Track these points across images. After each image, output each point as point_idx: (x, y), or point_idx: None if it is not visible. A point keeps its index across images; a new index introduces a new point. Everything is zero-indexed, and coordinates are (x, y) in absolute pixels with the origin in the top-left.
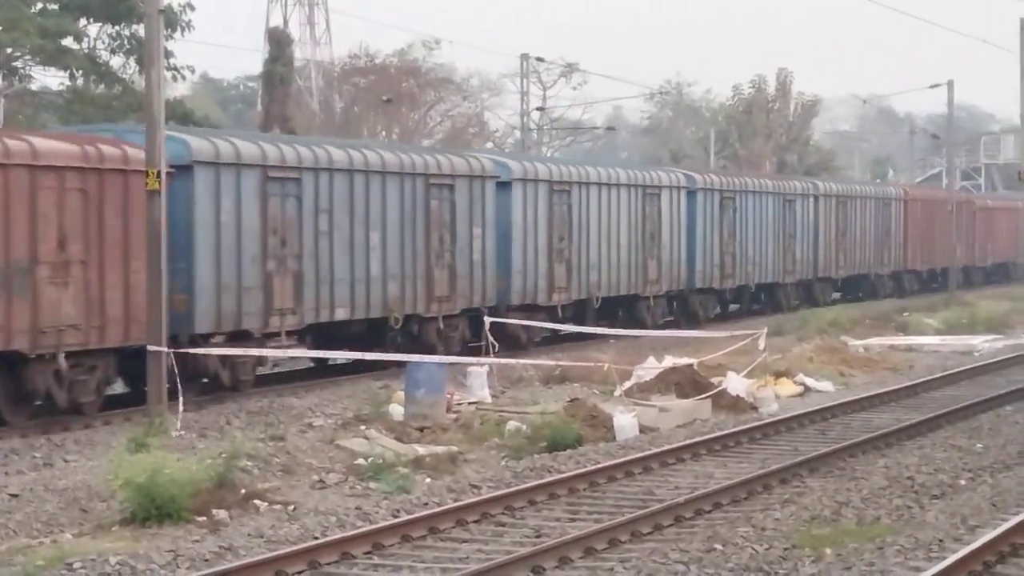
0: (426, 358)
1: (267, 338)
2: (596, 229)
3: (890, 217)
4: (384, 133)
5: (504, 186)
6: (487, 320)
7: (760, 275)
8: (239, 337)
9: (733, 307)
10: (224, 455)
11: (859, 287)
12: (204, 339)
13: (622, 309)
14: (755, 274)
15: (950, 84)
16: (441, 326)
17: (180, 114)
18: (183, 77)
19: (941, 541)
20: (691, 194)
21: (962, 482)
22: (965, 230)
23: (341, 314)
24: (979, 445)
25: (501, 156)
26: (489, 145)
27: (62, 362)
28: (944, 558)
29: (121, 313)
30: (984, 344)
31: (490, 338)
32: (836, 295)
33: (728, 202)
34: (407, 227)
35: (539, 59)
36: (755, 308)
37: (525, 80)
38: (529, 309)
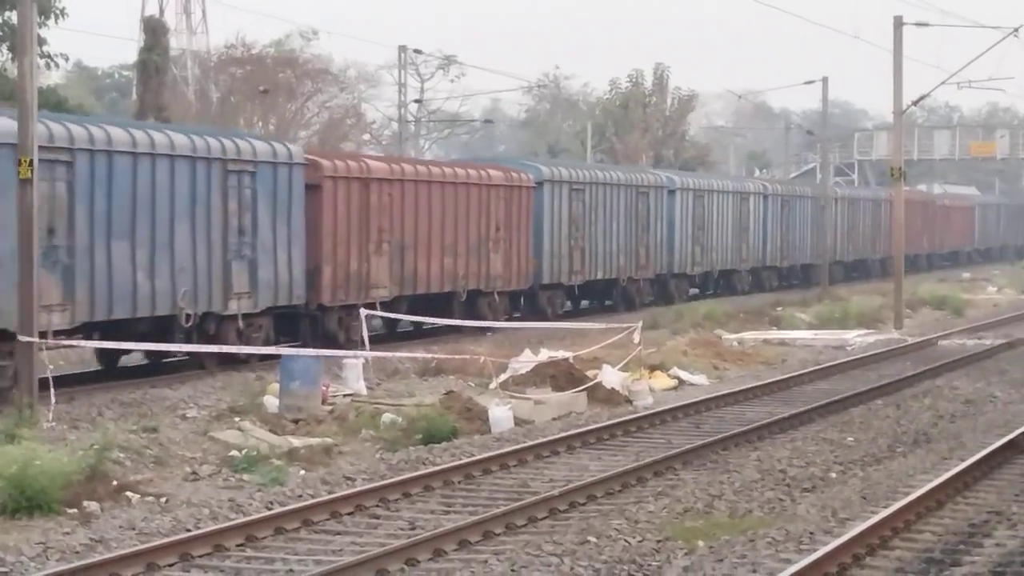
0: (301, 351)
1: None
2: (716, 222)
3: (880, 214)
4: (261, 124)
5: (671, 193)
6: (363, 312)
7: (802, 258)
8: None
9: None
10: (96, 446)
11: (856, 268)
12: (546, 288)
13: (722, 279)
14: (800, 257)
15: (824, 81)
16: (641, 285)
17: (54, 103)
18: (56, 65)
19: (812, 534)
20: (765, 198)
21: (833, 475)
22: (929, 224)
23: (600, 274)
24: (850, 439)
25: (668, 172)
26: (366, 137)
27: (496, 297)
28: (814, 550)
29: (515, 269)
30: (856, 339)
31: (365, 332)
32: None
33: (786, 204)
34: (628, 221)
35: (417, 51)
36: (795, 283)
37: (403, 72)
38: (680, 276)
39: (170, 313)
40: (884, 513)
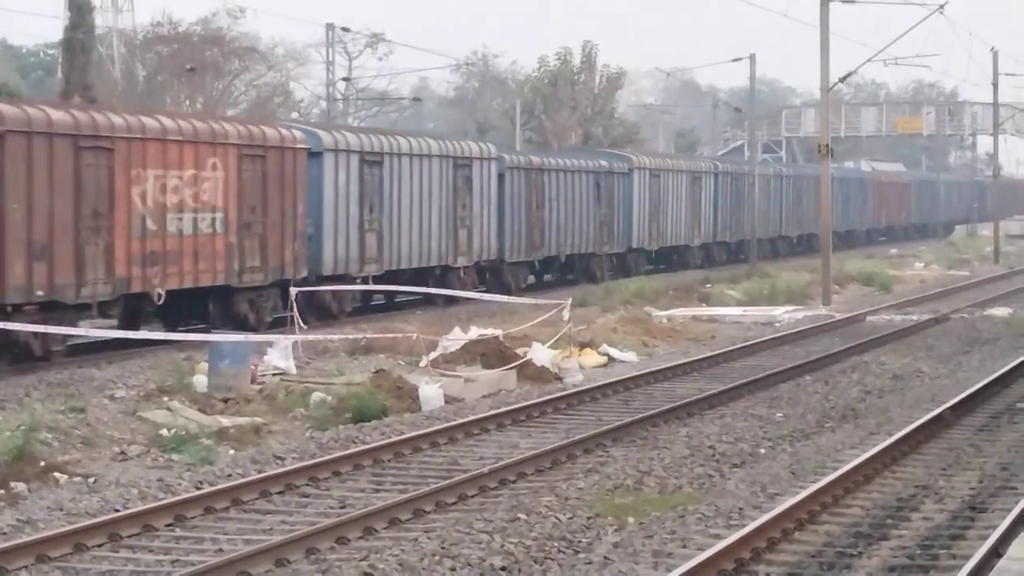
0: (231, 335)
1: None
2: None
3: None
4: (188, 102)
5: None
6: (293, 290)
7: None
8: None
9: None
10: (23, 427)
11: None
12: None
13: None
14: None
15: (752, 58)
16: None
17: None
18: None
19: (741, 509)
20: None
21: (762, 451)
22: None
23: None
24: (779, 414)
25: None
26: (295, 115)
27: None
28: (744, 525)
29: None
30: (784, 315)
31: (296, 311)
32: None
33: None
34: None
35: (345, 29)
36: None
37: (331, 50)
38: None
39: None
40: (813, 488)
